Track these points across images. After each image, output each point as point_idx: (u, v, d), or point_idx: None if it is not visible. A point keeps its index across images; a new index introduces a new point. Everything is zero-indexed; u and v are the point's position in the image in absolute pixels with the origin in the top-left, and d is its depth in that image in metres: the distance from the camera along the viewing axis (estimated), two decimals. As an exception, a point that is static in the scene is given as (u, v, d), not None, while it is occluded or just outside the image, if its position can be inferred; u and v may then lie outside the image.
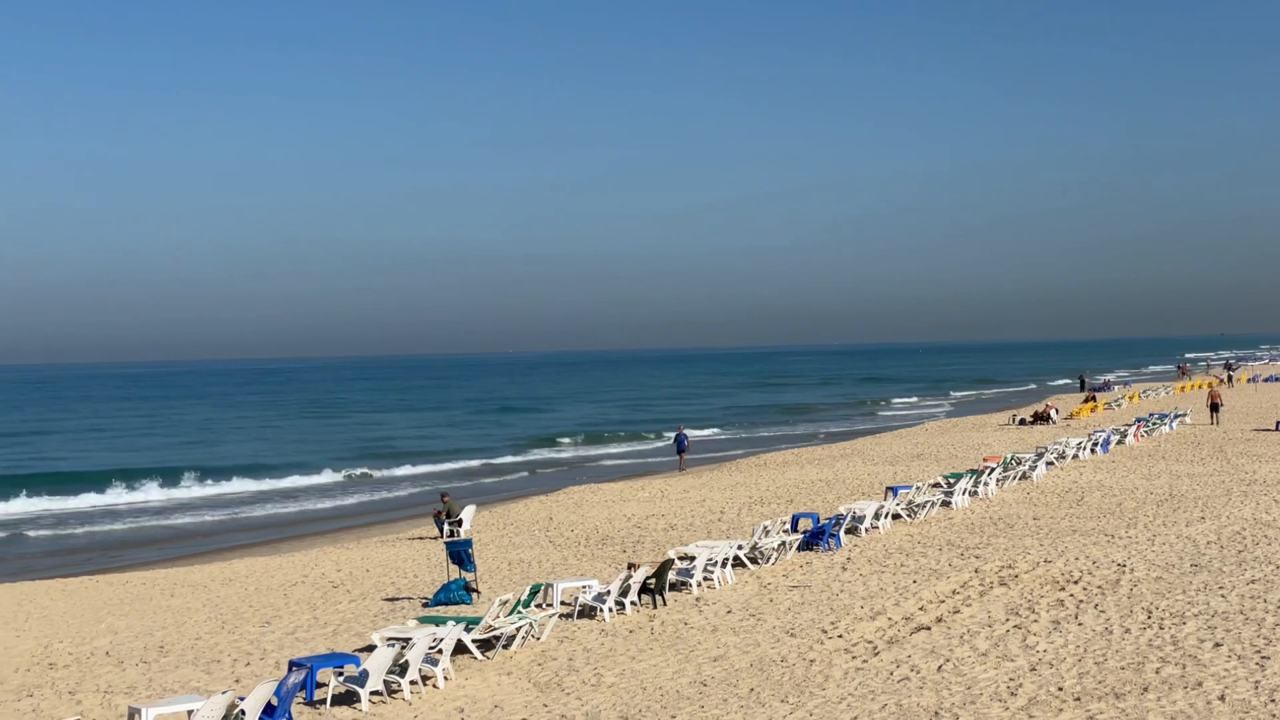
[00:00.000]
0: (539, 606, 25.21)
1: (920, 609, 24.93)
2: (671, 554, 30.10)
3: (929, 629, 23.20)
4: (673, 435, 69.96)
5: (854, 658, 21.42)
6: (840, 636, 23.03)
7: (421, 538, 41.18)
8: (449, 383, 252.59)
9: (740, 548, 30.99)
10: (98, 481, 67.24)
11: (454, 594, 28.27)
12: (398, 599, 29.18)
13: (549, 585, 26.60)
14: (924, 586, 26.99)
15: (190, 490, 66.28)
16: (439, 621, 23.73)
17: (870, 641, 22.53)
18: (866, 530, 35.48)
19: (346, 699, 19.85)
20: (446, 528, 40.48)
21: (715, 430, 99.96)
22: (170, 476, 69.43)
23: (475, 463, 78.31)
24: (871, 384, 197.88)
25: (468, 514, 41.76)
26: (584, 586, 26.96)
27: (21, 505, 60.13)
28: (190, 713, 17.94)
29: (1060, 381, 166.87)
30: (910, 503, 38.77)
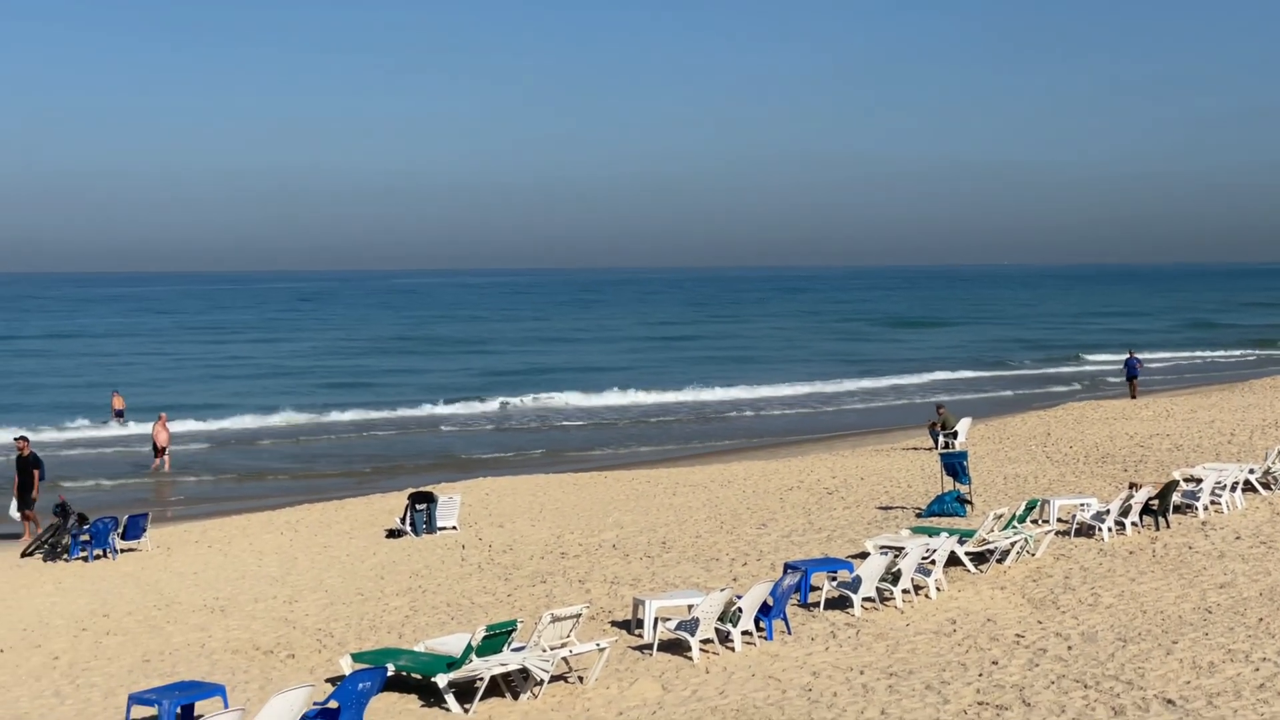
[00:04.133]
0: (1034, 522, 24.76)
1: None
2: (1176, 475, 28.88)
3: None
4: (1122, 359, 63.10)
5: (1378, 594, 19.99)
6: (1363, 570, 21.53)
7: (916, 449, 41.13)
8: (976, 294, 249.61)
9: (1252, 471, 29.40)
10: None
11: (948, 505, 28.14)
12: (891, 508, 29.31)
13: (1046, 501, 26.05)
14: None
15: (708, 392, 68.23)
16: (932, 532, 23.70)
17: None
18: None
19: (839, 603, 20.15)
20: (941, 439, 40.29)
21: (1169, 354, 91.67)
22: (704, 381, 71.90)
23: (966, 374, 77.41)
24: None
25: (963, 426, 41.41)
26: (1082, 504, 26.26)
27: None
28: (690, 607, 18.66)
29: None
30: None
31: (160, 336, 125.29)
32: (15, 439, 32.89)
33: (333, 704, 14.49)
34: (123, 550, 28.11)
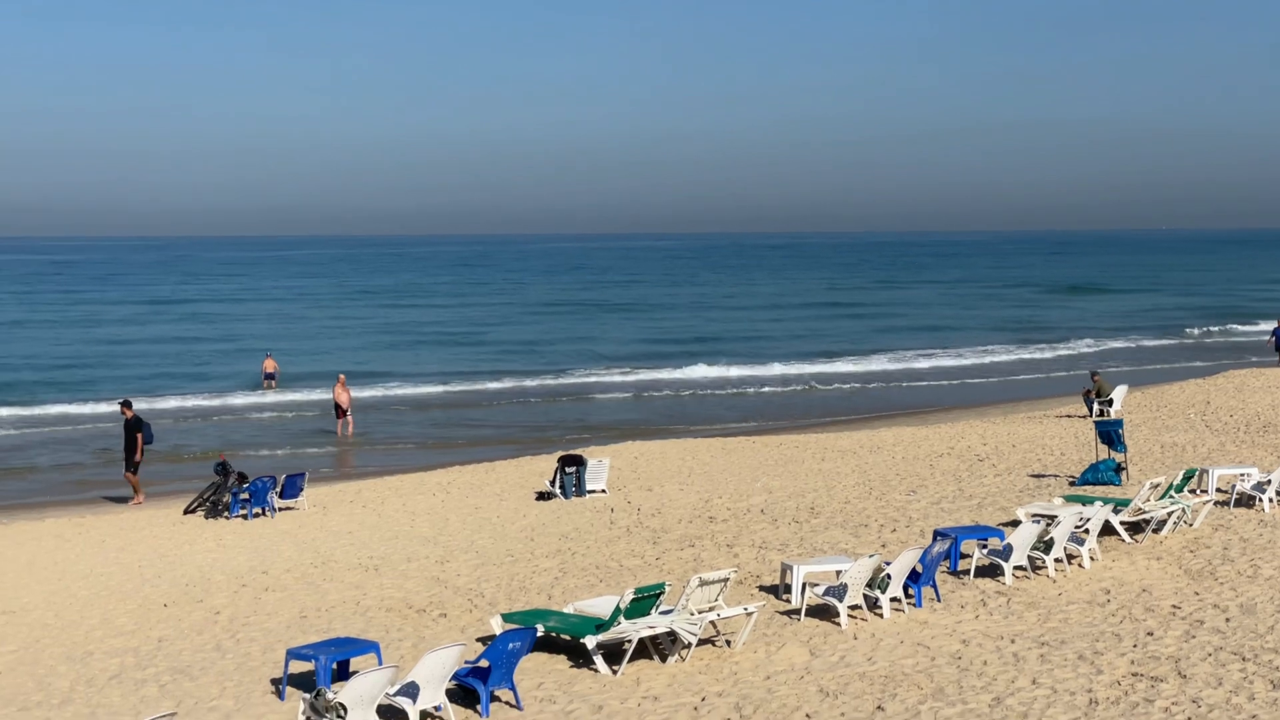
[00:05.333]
0: (1192, 492, 24.23)
1: None
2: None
3: None
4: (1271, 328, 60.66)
5: None
6: None
7: (1069, 416, 40.47)
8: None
9: None
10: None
11: (1102, 474, 27.66)
12: (1043, 476, 28.89)
13: (1204, 470, 25.49)
14: None
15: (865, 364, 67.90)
16: (1086, 501, 23.33)
17: None
18: None
19: (989, 571, 19.93)
20: (1096, 407, 39.59)
21: None
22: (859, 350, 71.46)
23: (1130, 343, 75.93)
24: None
25: (1119, 394, 40.64)
26: (1242, 474, 25.63)
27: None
28: (839, 572, 18.61)
29: None
30: None
31: (316, 300, 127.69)
32: (119, 403, 33.75)
33: (484, 663, 14.71)
34: (280, 509, 28.79)
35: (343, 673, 15.60)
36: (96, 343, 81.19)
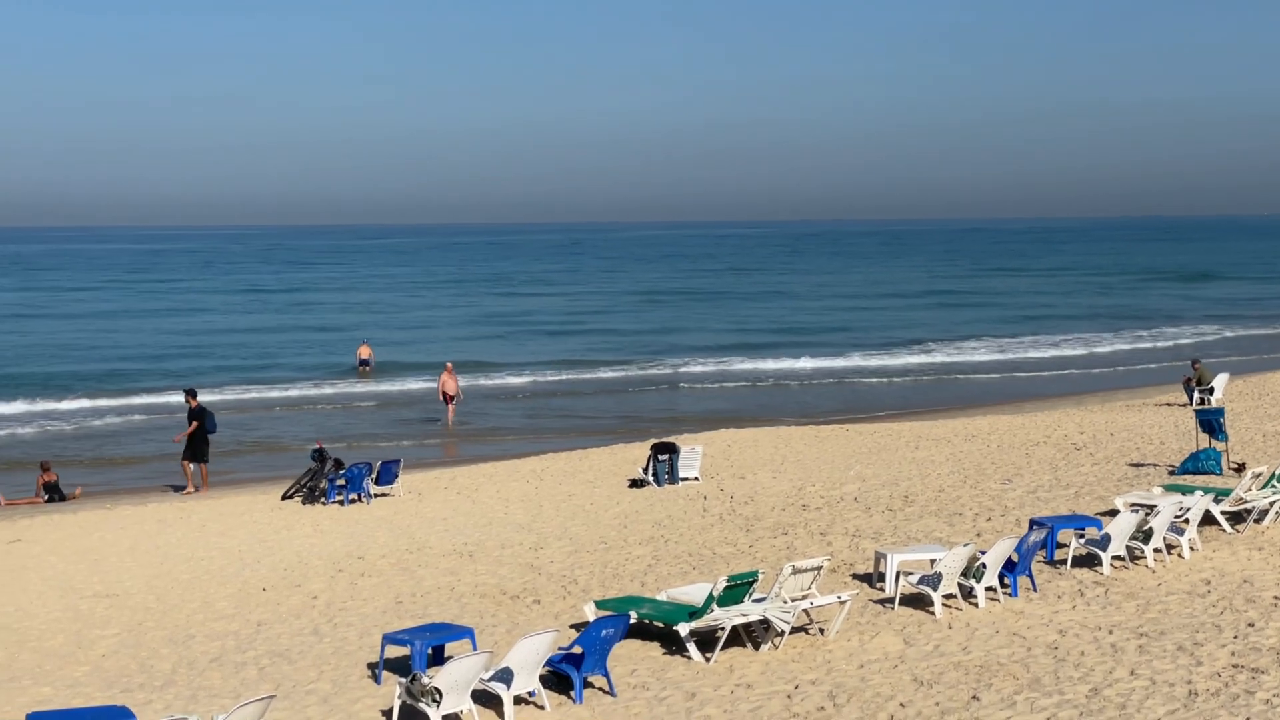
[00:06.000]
0: (1296, 482, 23.77)
1: None
2: None
3: None
4: None
5: None
6: None
7: (1169, 404, 39.89)
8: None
9: None
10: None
11: (1203, 463, 27.23)
12: (1142, 465, 28.50)
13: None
14: None
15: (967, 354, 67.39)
16: (1186, 490, 22.96)
17: None
18: None
19: (1086, 561, 19.70)
20: (1197, 395, 39.00)
21: None
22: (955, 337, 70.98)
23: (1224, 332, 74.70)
24: None
25: (1220, 382, 40.00)
26: (1348, 464, 25.13)
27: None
28: (933, 561, 18.48)
29: None
30: None
31: (411, 289, 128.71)
32: (184, 391, 34.34)
33: (577, 649, 14.77)
34: (376, 495, 29.08)
35: (438, 658, 15.73)
36: (198, 332, 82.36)
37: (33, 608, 20.59)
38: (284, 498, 29.39)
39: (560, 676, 14.85)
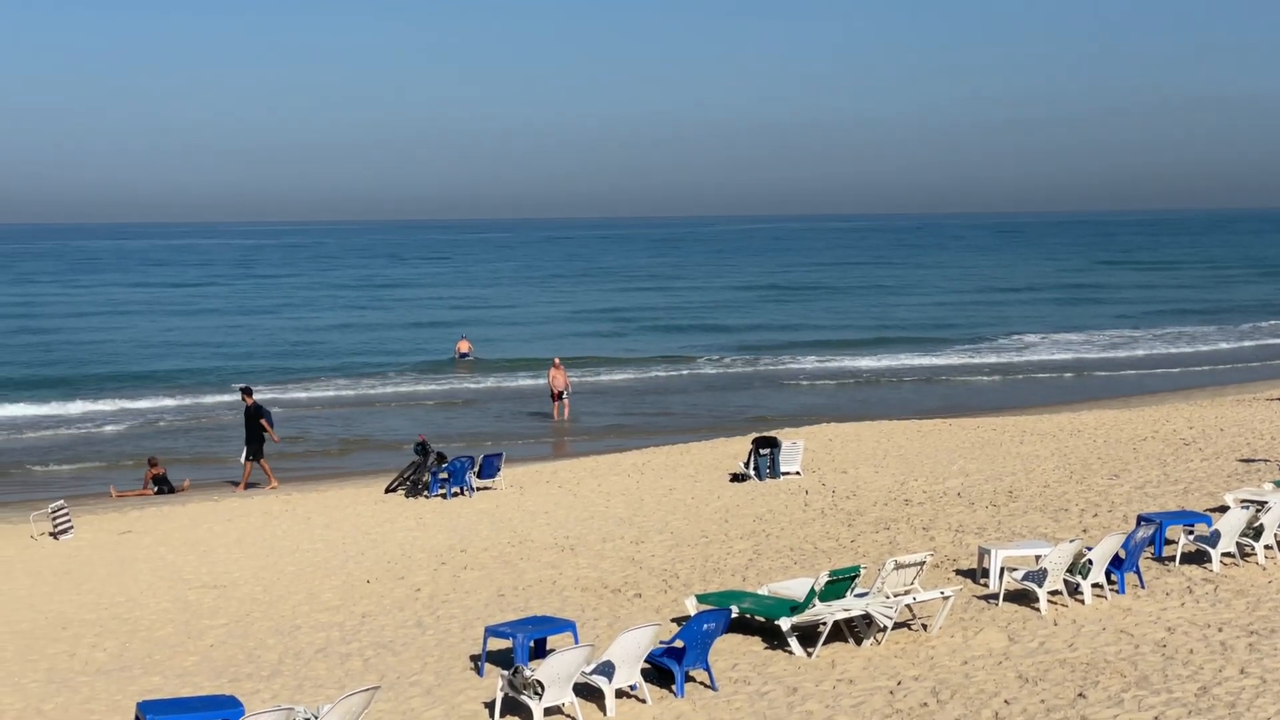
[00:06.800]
0: None
1: None
2: None
3: None
4: None
5: None
6: None
7: (1281, 399, 39.17)
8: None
9: None
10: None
11: (1316, 459, 26.68)
12: (1253, 460, 27.98)
13: None
14: None
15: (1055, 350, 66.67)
16: (1298, 486, 22.53)
17: None
18: None
19: (1196, 558, 19.38)
20: (1309, 389, 38.25)
21: None
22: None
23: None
24: None
25: (1334, 376, 39.20)
26: None
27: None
28: (1038, 557, 18.27)
29: None
30: None
31: (515, 282, 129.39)
32: (239, 389, 34.65)
33: (678, 643, 14.77)
34: (478, 488, 29.28)
35: (540, 650, 15.81)
36: (302, 329, 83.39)
37: (143, 598, 20.98)
38: (387, 491, 29.68)
39: (661, 670, 14.86)
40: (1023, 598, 17.55)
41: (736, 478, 29.03)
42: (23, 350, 69.30)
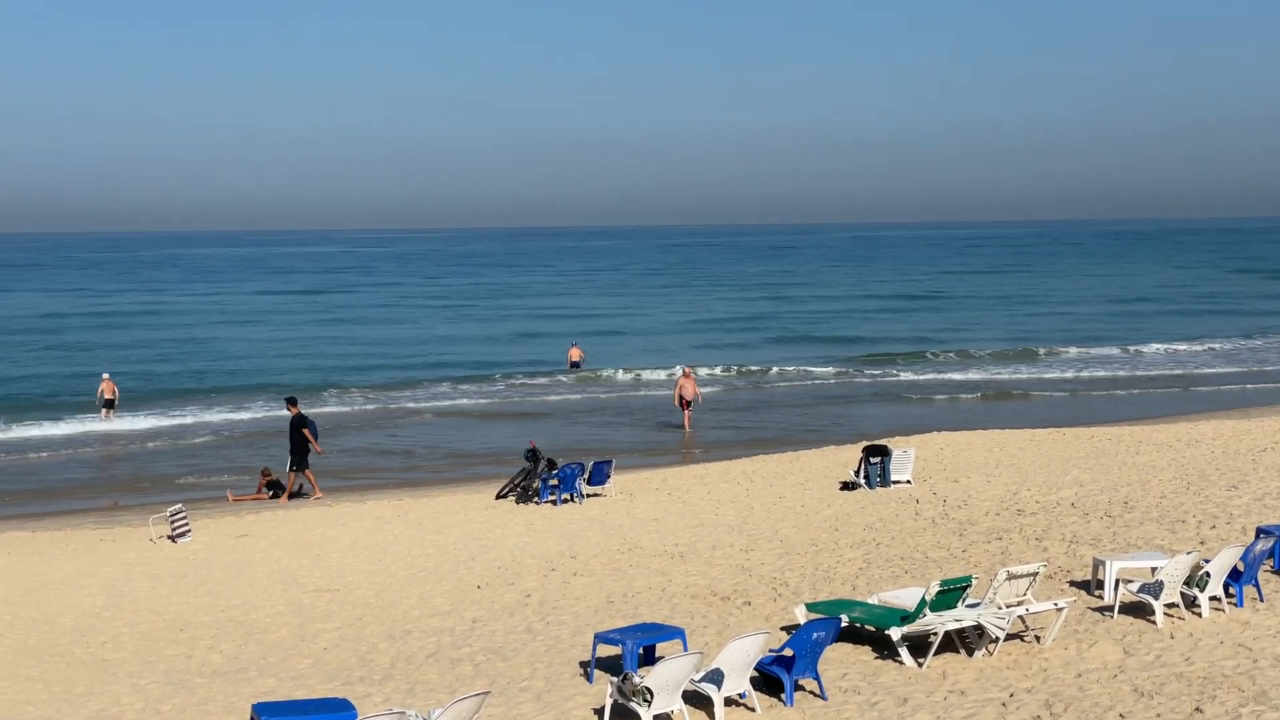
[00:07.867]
0: None
1: None
2: None
3: None
4: None
5: None
6: None
7: None
8: None
9: None
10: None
11: None
12: (1378, 472, 27.33)
13: None
14: None
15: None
16: None
17: None
18: None
19: (1318, 571, 18.97)
20: None
21: None
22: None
23: None
24: None
25: None
26: None
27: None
28: (1154, 569, 17.99)
29: None
30: None
31: (625, 290, 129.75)
32: (285, 400, 34.72)
33: (788, 652, 14.73)
34: (588, 495, 29.40)
35: (649, 657, 15.84)
36: (416, 340, 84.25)
37: (258, 600, 21.33)
38: (498, 497, 29.91)
39: (770, 679, 14.82)
40: (1138, 610, 17.27)
41: (847, 486, 28.88)
42: (177, 359, 70.52)
